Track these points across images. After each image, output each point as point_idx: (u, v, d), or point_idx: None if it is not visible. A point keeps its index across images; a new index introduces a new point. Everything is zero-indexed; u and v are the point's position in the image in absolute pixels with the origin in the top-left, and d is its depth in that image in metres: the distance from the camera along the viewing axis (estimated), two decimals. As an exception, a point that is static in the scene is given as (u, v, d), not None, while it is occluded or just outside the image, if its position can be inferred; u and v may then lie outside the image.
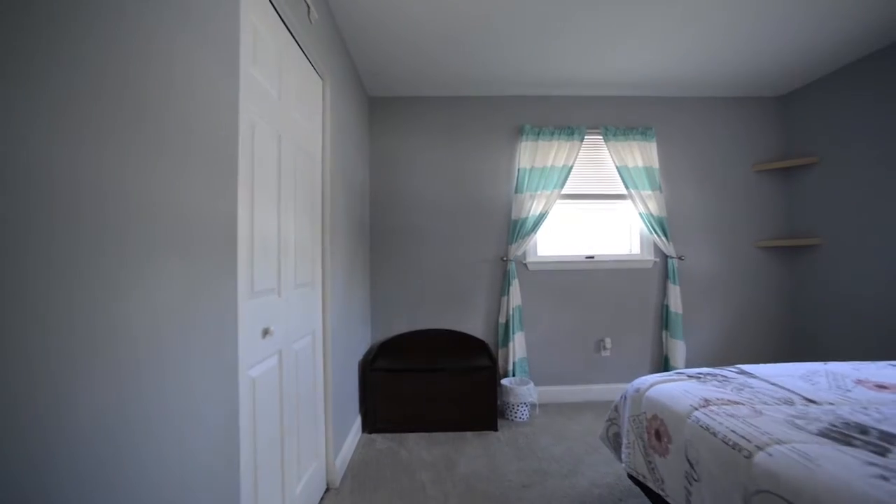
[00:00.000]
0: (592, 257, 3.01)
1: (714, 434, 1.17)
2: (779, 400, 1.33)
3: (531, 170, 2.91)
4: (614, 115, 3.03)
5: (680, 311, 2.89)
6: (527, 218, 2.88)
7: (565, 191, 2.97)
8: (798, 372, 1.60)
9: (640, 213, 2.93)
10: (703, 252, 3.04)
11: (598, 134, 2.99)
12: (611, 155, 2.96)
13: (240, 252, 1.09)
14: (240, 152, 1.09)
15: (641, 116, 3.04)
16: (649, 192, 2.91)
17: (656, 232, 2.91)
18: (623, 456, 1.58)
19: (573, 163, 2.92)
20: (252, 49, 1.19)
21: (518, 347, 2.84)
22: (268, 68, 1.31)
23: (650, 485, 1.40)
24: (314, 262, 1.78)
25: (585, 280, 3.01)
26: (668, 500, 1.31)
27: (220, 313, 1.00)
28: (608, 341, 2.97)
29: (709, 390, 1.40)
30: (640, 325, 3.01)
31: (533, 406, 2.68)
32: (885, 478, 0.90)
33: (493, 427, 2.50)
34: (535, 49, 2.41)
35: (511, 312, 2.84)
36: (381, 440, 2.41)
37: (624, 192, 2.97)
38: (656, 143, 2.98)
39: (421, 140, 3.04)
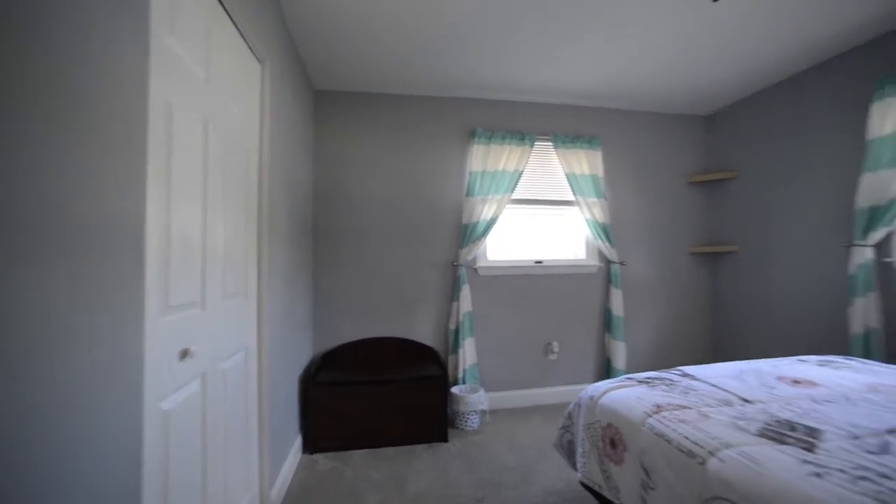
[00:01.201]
0: (541, 262, 3.05)
1: (668, 441, 1.18)
2: (720, 401, 1.39)
3: (483, 173, 2.89)
4: (563, 124, 3.11)
5: (621, 314, 3.02)
6: (478, 222, 2.85)
7: (515, 196, 2.98)
8: (730, 372, 1.70)
9: (586, 220, 3.02)
10: (642, 258, 3.21)
11: (549, 141, 3.04)
12: (560, 162, 3.03)
13: (148, 259, 0.90)
14: (150, 140, 0.90)
15: (588, 126, 3.15)
16: (595, 200, 3.01)
17: (601, 238, 3.02)
18: (578, 465, 1.58)
19: (524, 168, 2.94)
20: (168, 13, 0.99)
21: (468, 354, 2.79)
22: (191, 41, 1.12)
23: (606, 494, 1.40)
24: (248, 270, 1.57)
25: (534, 284, 3.04)
26: (622, 508, 1.32)
27: (119, 334, 0.81)
28: (556, 345, 3.03)
29: (659, 395, 1.43)
30: (586, 328, 3.11)
31: (484, 413, 2.64)
32: (818, 475, 0.94)
33: (444, 438, 2.42)
34: (488, 53, 2.38)
35: (461, 318, 2.79)
36: (324, 461, 2.23)
37: (572, 198, 3.04)
38: (602, 153, 3.10)
39: (370, 138, 2.89)
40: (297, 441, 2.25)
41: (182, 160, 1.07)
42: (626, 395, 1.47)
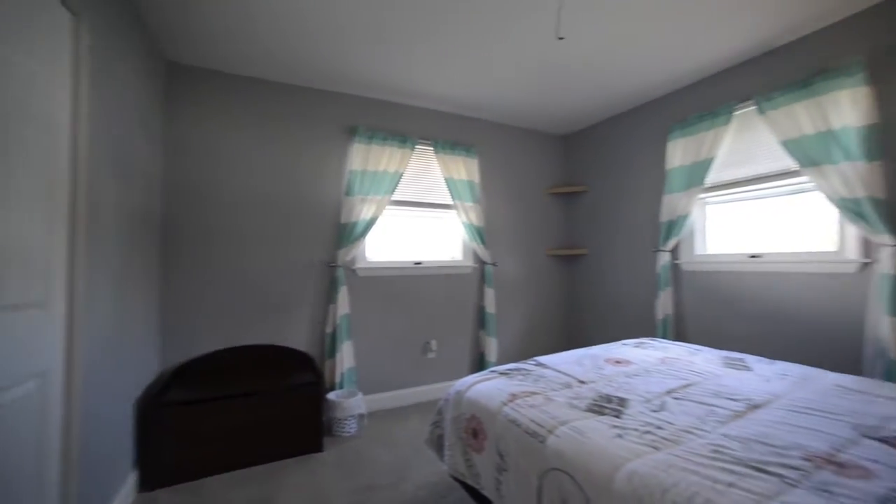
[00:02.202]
0: (420, 263, 3.13)
1: (518, 425, 1.32)
2: (562, 385, 1.61)
3: (363, 173, 2.83)
4: (444, 130, 3.25)
5: (493, 311, 3.29)
6: (357, 222, 2.79)
7: (395, 197, 3.01)
8: (573, 358, 1.99)
9: (462, 223, 3.21)
10: (511, 259, 3.55)
11: (429, 145, 3.14)
12: (440, 166, 3.15)
13: None
14: None
15: (467, 134, 3.35)
16: (471, 204, 3.22)
17: (476, 240, 3.24)
18: (445, 457, 1.66)
19: (404, 170, 2.98)
20: None
21: (346, 357, 2.71)
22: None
23: (469, 481, 1.51)
24: (48, 273, 1.25)
25: (413, 285, 3.11)
26: (483, 492, 1.43)
27: None
28: (434, 343, 3.15)
29: (515, 385, 1.60)
30: (462, 326, 3.30)
31: (362, 417, 2.59)
32: (620, 436, 1.17)
33: (319, 448, 2.31)
34: (372, 52, 2.35)
35: (339, 321, 2.69)
36: (168, 496, 1.91)
37: (450, 202, 3.20)
38: (478, 160, 3.33)
39: (242, 126, 2.59)
40: (132, 478, 1.89)
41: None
42: (488, 387, 1.60)
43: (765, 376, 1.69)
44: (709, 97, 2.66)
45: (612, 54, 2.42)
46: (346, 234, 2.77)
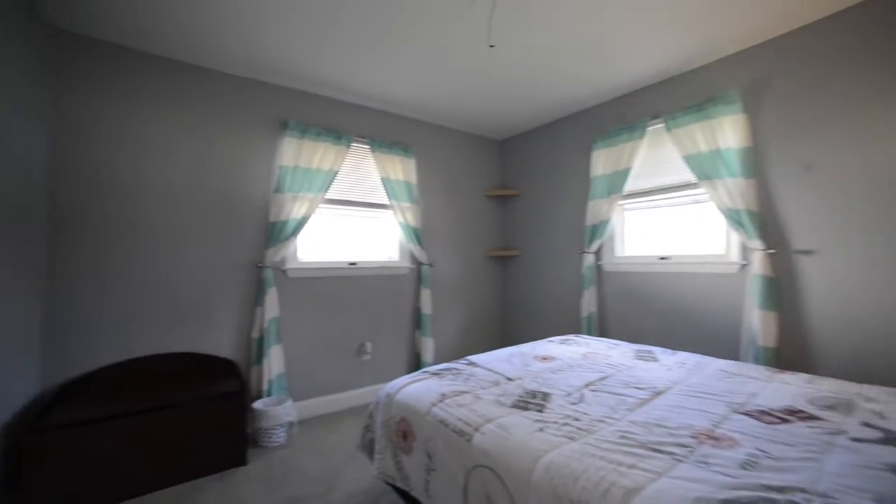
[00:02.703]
0: (355, 264, 3.06)
1: (446, 425, 1.35)
2: (491, 383, 1.67)
3: (295, 169, 2.70)
4: (382, 129, 3.20)
5: (430, 312, 3.31)
6: (287, 220, 2.65)
7: (329, 195, 2.91)
8: (504, 356, 2.07)
9: (399, 223, 3.19)
10: (448, 259, 3.60)
11: (366, 143, 3.08)
12: (376, 165, 3.10)
13: None
14: None
15: (405, 134, 3.33)
16: (408, 204, 3.21)
17: (413, 241, 3.24)
18: (375, 461, 1.64)
19: (339, 168, 2.89)
20: None
21: (275, 363, 2.57)
22: None
23: (399, 484, 1.50)
24: None
25: (348, 286, 3.03)
26: (412, 494, 1.44)
27: None
28: (369, 345, 3.09)
29: (446, 385, 1.63)
30: (398, 327, 3.28)
31: (292, 425, 2.47)
32: (542, 429, 1.24)
33: (242, 461, 2.15)
34: (302, 43, 2.25)
35: (267, 325, 2.54)
36: (55, 530, 1.67)
37: (387, 201, 3.16)
38: (415, 160, 3.33)
39: (154, 111, 2.34)
40: (5, 515, 1.62)
41: None
42: (419, 388, 1.61)
43: (667, 366, 1.89)
44: (627, 113, 2.91)
45: (542, 67, 2.55)
46: (276, 233, 2.62)
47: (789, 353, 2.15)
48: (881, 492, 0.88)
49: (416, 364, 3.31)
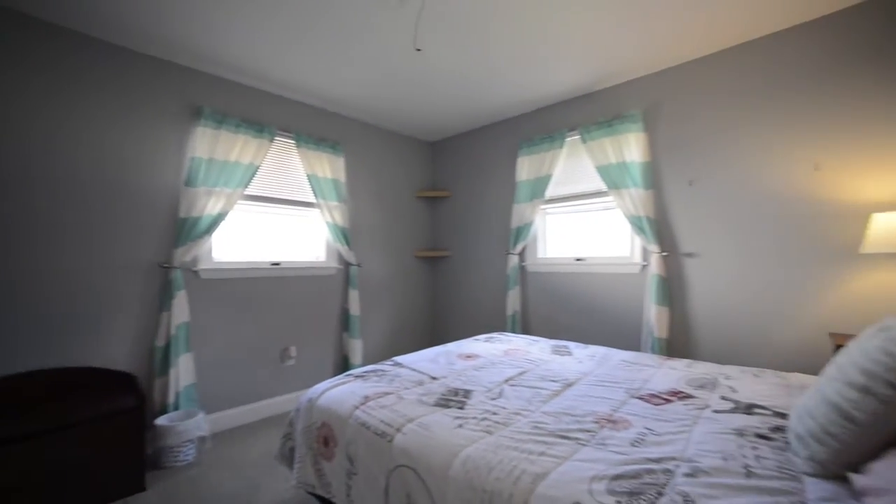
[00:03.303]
0: (279, 264, 2.90)
1: (368, 427, 1.34)
2: (415, 383, 1.69)
3: (210, 161, 2.48)
4: (309, 124, 3.07)
5: (358, 313, 3.24)
6: (200, 217, 2.43)
7: (250, 192, 2.73)
8: (430, 356, 2.11)
9: (326, 223, 3.09)
10: (377, 260, 3.56)
11: (291, 138, 2.93)
12: (302, 162, 2.97)
13: None
14: None
15: (333, 131, 3.23)
16: (336, 203, 3.12)
17: (340, 241, 3.15)
18: (295, 470, 1.58)
19: (261, 162, 2.71)
20: None
21: (184, 373, 2.34)
22: None
23: (320, 492, 1.46)
24: None
25: (270, 288, 2.86)
26: (334, 501, 1.40)
27: None
28: (293, 349, 2.95)
29: (369, 387, 1.61)
30: (324, 330, 3.17)
31: (203, 440, 2.27)
32: (461, 426, 1.28)
33: (141, 487, 1.93)
34: (213, 23, 2.08)
35: (174, 331, 2.30)
36: None
37: (313, 200, 3.04)
38: (344, 158, 3.24)
39: (44, 88, 2.01)
40: None
41: None
42: (342, 391, 1.58)
43: (579, 359, 2.07)
44: (549, 123, 3.12)
45: (470, 75, 2.64)
46: (186, 230, 2.39)
47: (677, 342, 2.47)
48: (727, 450, 1.07)
49: (343, 367, 3.23)
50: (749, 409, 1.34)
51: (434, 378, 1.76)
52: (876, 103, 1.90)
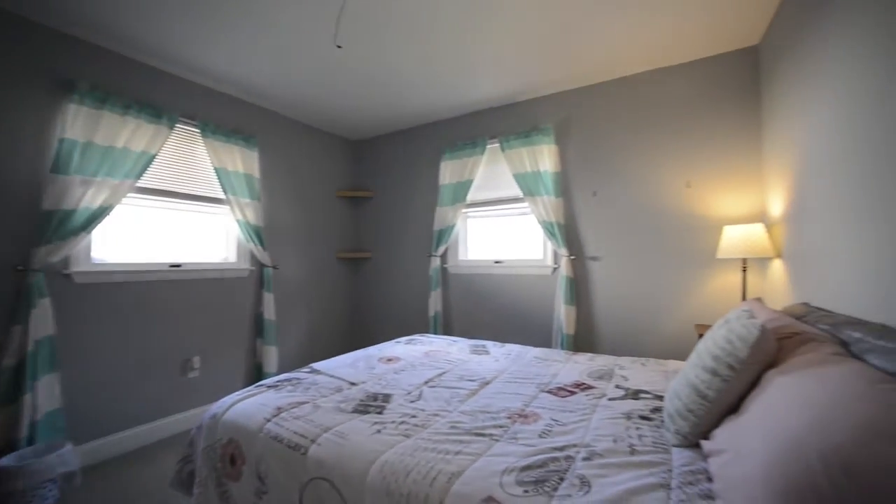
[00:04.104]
0: (180, 265, 2.59)
1: (280, 441, 1.26)
2: (333, 390, 1.63)
3: (88, 146, 2.13)
4: (218, 112, 2.79)
5: (273, 317, 3.03)
6: (74, 210, 2.07)
7: (143, 184, 2.40)
8: (349, 361, 2.05)
9: (237, 221, 2.84)
10: (295, 261, 3.37)
11: (196, 127, 2.63)
12: (209, 154, 2.69)
13: None
14: None
15: (247, 122, 2.98)
16: (248, 201, 2.88)
17: (253, 241, 2.92)
18: (194, 496, 1.42)
19: (157, 151, 2.40)
20: None
21: (44, 398, 1.95)
22: None
23: (222, 516, 1.33)
24: None
25: (170, 292, 2.54)
26: (238, 524, 1.30)
27: None
28: (197, 360, 2.65)
29: (283, 397, 1.52)
30: (235, 337, 2.91)
31: (71, 476, 1.92)
32: (379, 431, 1.27)
33: (-17, 537, 1.58)
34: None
35: (32, 348, 1.92)
36: None
37: (222, 195, 2.78)
38: (258, 153, 3.00)
39: None
40: None
41: None
42: (251, 404, 1.47)
43: (495, 357, 2.17)
44: (471, 129, 3.24)
45: (392, 76, 2.63)
46: (54, 226, 2.01)
47: (583, 338, 2.73)
48: (617, 433, 1.21)
49: (256, 376, 2.99)
50: (636, 394, 1.54)
51: (353, 384, 1.72)
52: (736, 139, 2.31)
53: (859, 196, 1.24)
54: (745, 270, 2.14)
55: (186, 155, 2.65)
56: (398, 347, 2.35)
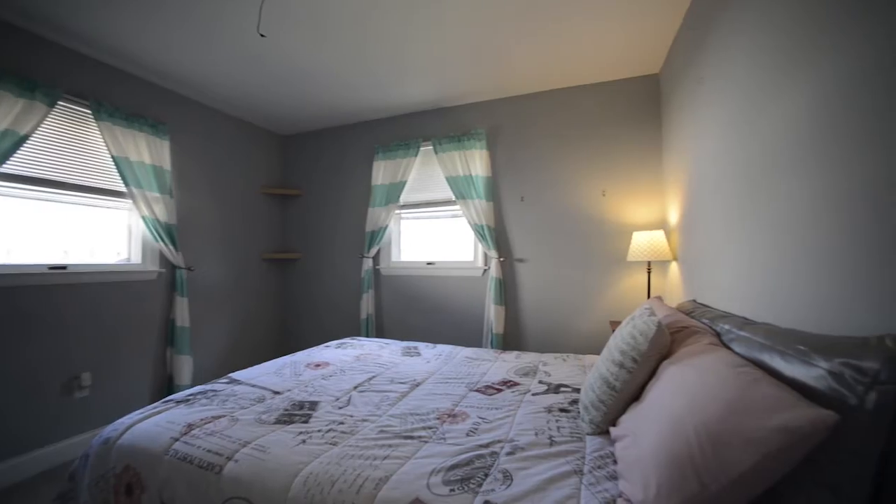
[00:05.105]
0: (65, 268, 2.24)
1: (190, 461, 1.15)
2: (254, 400, 1.53)
3: (-64, 124, 1.75)
4: (118, 92, 2.46)
5: (187, 324, 2.75)
6: (-82, 203, 1.70)
7: (15, 170, 2.04)
8: (274, 368, 1.93)
9: (143, 217, 2.53)
10: (214, 262, 3.09)
11: (87, 107, 2.30)
12: (105, 140, 2.36)
13: None
14: None
15: (155, 107, 2.66)
16: (157, 195, 2.58)
17: (163, 240, 2.62)
18: (79, 535, 1.24)
19: (30, 132, 2.03)
20: None
21: None
22: None
23: (115, 553, 1.18)
24: None
25: (52, 298, 2.18)
26: (137, 559, 1.16)
27: None
28: (87, 376, 2.31)
29: (195, 413, 1.39)
30: (138, 347, 2.59)
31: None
32: (304, 441, 1.22)
33: None
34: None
35: None
36: None
37: (124, 188, 2.46)
38: (169, 143, 2.71)
39: None
40: None
41: None
42: (156, 423, 1.32)
43: (427, 358, 2.19)
44: (405, 131, 3.23)
45: (320, 71, 2.54)
46: None
47: (511, 337, 2.86)
48: (539, 426, 1.30)
49: (167, 390, 2.69)
50: (557, 389, 1.65)
51: (277, 392, 1.62)
52: (641, 155, 2.59)
53: (733, 211, 1.46)
54: (649, 272, 2.41)
55: (75, 139, 2.30)
56: (327, 352, 2.26)
